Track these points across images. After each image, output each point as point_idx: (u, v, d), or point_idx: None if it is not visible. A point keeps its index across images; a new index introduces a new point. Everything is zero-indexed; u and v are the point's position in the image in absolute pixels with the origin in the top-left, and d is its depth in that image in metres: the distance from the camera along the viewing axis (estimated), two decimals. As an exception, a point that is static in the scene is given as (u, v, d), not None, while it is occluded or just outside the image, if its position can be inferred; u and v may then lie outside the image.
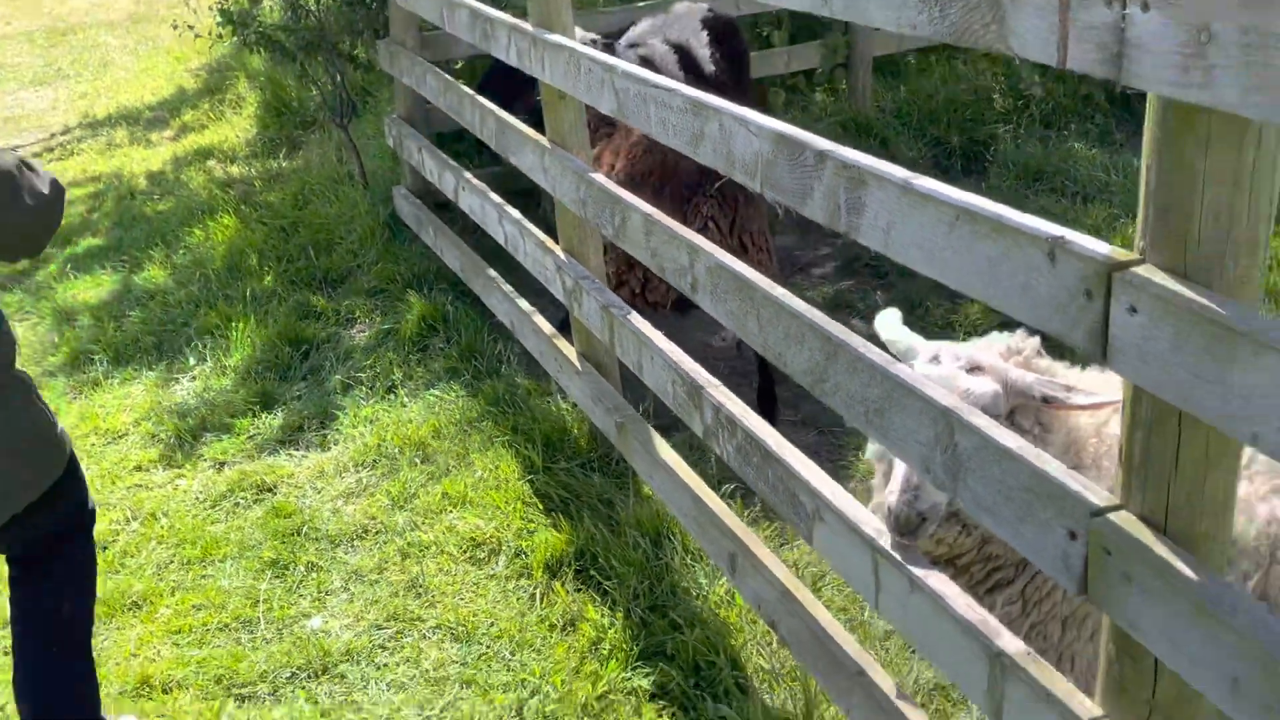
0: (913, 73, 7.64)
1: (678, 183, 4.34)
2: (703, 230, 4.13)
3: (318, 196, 6.83)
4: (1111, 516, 1.69)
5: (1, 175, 2.63)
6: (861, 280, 5.89)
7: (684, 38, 5.50)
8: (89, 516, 3.08)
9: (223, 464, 4.66)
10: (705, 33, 5.57)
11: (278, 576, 3.94)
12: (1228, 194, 1.47)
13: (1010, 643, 2.01)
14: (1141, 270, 1.53)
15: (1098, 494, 1.72)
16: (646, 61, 5.01)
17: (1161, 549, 1.61)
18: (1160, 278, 1.50)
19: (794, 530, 3.75)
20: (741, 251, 4.33)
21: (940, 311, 5.33)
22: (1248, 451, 2.30)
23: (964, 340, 2.59)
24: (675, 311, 4.67)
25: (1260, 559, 2.20)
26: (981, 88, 7.40)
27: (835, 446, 4.47)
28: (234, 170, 7.94)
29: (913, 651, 3.32)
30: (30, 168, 2.73)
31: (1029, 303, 1.71)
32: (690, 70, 5.37)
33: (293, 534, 4.14)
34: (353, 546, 4.07)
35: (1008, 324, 4.84)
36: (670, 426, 4.01)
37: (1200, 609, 1.53)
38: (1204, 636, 1.53)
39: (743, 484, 3.96)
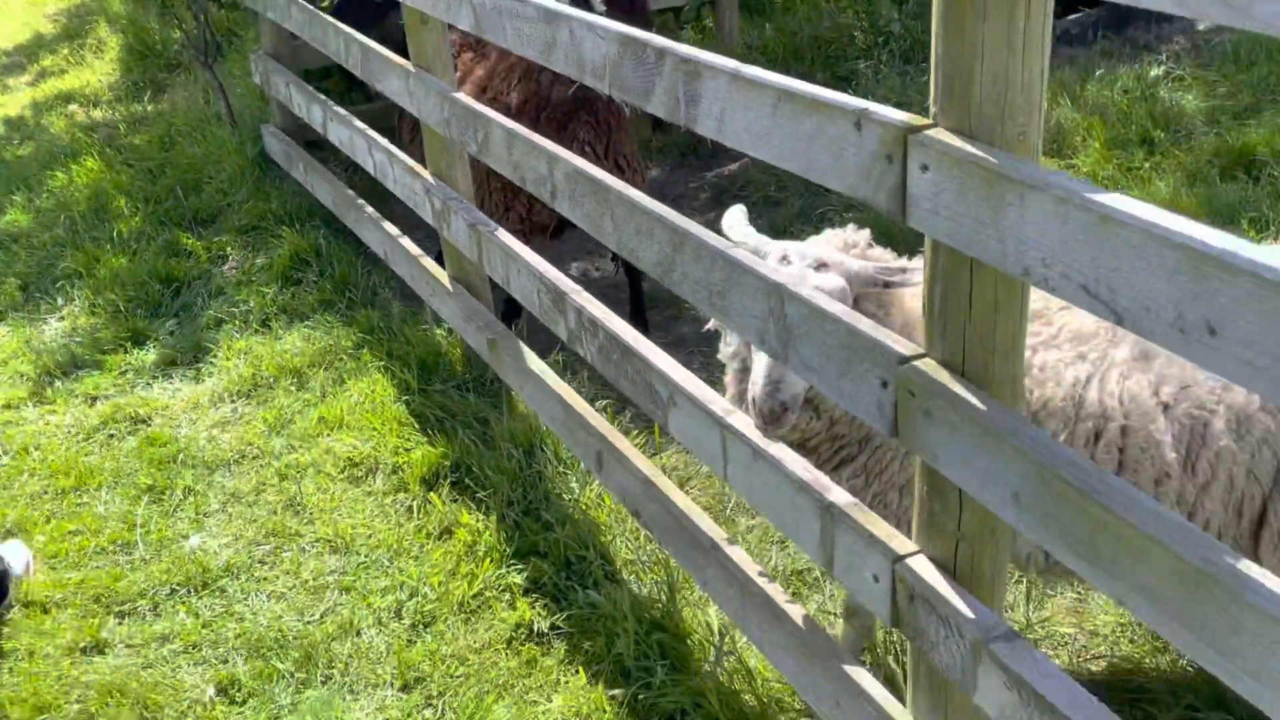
0: (778, 11, 7.82)
1: (553, 109, 4.45)
2: (581, 155, 4.26)
3: (184, 137, 6.74)
4: (916, 363, 1.87)
5: None
6: (725, 210, 6.06)
7: None
8: None
9: (95, 399, 4.65)
10: None
11: (154, 501, 3.98)
12: (1003, 59, 1.64)
13: (839, 495, 2.20)
14: (932, 133, 1.70)
15: (904, 345, 1.90)
16: None
17: (956, 386, 1.80)
18: (947, 138, 1.68)
19: (660, 433, 3.93)
20: (618, 172, 4.47)
21: (803, 237, 5.53)
22: (1055, 324, 2.53)
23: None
24: (555, 237, 4.80)
25: (1067, 418, 2.43)
26: (844, 25, 7.61)
27: (706, 365, 4.65)
28: (97, 114, 7.77)
29: (775, 542, 3.53)
30: None
31: (841, 171, 1.87)
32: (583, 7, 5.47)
33: (168, 462, 4.18)
34: (230, 471, 4.12)
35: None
36: (543, 352, 4.13)
37: (987, 432, 1.72)
38: (990, 457, 1.72)
39: (610, 397, 4.12)
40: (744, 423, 2.49)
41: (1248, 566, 1.42)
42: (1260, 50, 6.25)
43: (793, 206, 5.83)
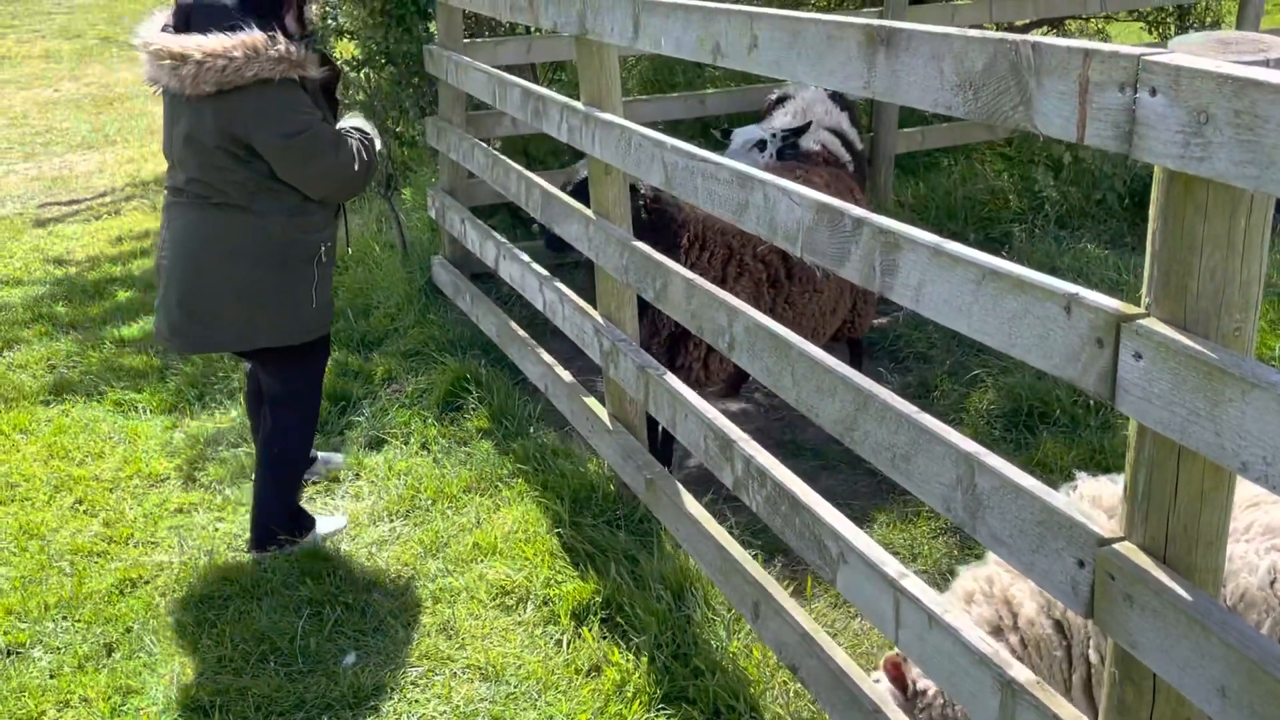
0: (932, 170, 7.96)
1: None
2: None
3: (357, 262, 7.11)
4: (1116, 546, 1.88)
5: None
6: (876, 363, 6.10)
7: (835, 122, 6.05)
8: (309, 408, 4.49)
9: (261, 508, 4.84)
10: (844, 112, 6.17)
11: (314, 615, 4.10)
12: (1222, 256, 1.69)
13: (1020, 672, 2.19)
14: (1147, 321, 1.75)
15: (1103, 526, 1.91)
16: (827, 150, 5.79)
17: (1159, 573, 1.80)
18: (1162, 328, 1.72)
19: (813, 584, 3.92)
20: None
21: (955, 395, 5.54)
22: (1241, 520, 2.49)
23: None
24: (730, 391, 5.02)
25: (1269, 607, 2.37)
26: (998, 188, 7.70)
27: (856, 520, 4.64)
28: (275, 236, 8.24)
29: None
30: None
31: (1045, 351, 1.92)
32: (849, 149, 5.99)
33: (328, 576, 4.31)
34: (386, 590, 4.24)
35: (1016, 407, 4.98)
36: (696, 494, 4.19)
37: (1193, 624, 1.71)
38: (1196, 649, 1.71)
39: (758, 545, 4.15)
40: (919, 586, 2.50)
41: None
42: None
43: (943, 364, 5.85)
